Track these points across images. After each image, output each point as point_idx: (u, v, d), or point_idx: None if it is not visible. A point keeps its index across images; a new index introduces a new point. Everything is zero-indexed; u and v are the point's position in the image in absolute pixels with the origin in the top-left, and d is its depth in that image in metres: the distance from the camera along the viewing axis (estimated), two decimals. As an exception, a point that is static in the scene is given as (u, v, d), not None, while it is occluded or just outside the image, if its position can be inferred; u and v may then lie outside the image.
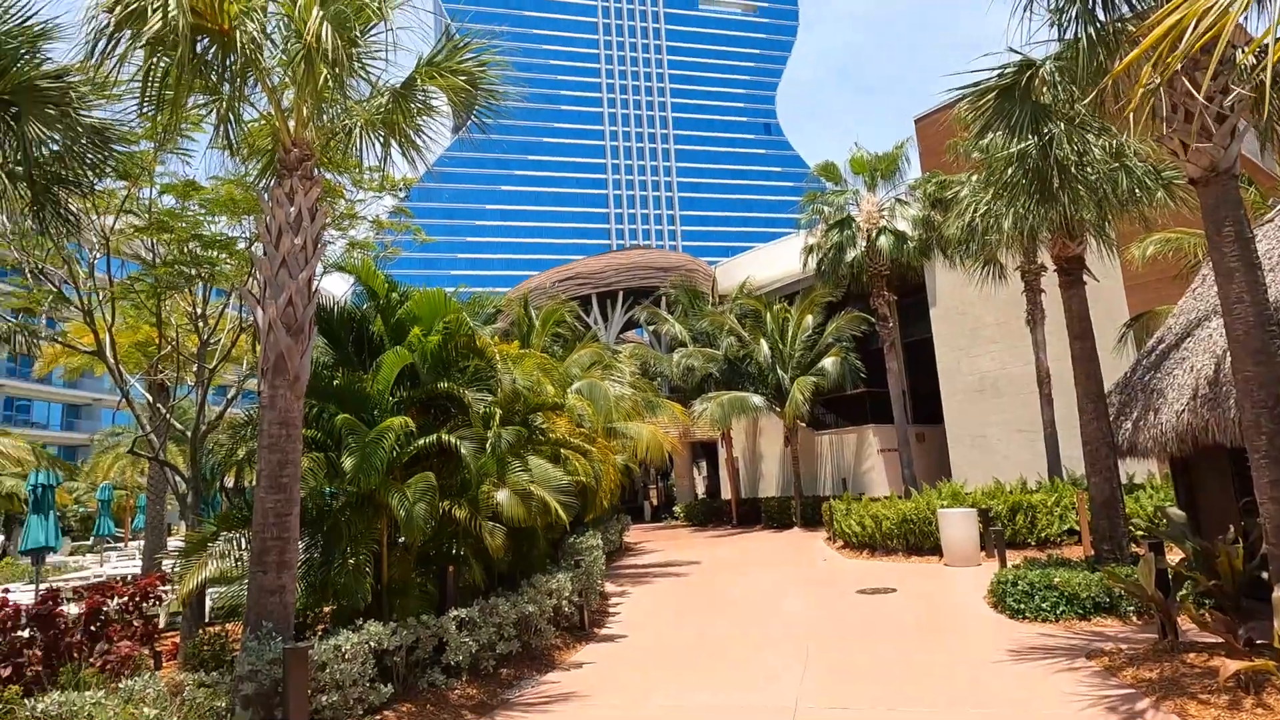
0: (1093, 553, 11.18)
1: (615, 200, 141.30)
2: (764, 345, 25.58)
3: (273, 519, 6.84)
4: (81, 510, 36.79)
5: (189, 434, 10.81)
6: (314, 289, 7.47)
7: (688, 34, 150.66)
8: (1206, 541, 8.25)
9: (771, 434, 28.85)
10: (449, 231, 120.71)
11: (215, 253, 10.10)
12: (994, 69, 8.16)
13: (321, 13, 6.34)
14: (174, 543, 17.40)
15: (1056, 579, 9.68)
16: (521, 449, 9.75)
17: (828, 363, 24.06)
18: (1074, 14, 7.05)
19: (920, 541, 15.83)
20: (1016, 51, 8.04)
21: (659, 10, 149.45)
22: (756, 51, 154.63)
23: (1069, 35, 7.34)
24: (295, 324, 7.18)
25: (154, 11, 5.83)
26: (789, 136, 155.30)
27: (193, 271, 9.94)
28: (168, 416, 10.72)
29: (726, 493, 30.18)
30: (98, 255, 10.62)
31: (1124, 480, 13.75)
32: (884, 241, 21.91)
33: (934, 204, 20.03)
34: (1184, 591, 8.30)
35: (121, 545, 30.07)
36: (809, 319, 25.54)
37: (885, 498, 19.91)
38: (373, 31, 7.45)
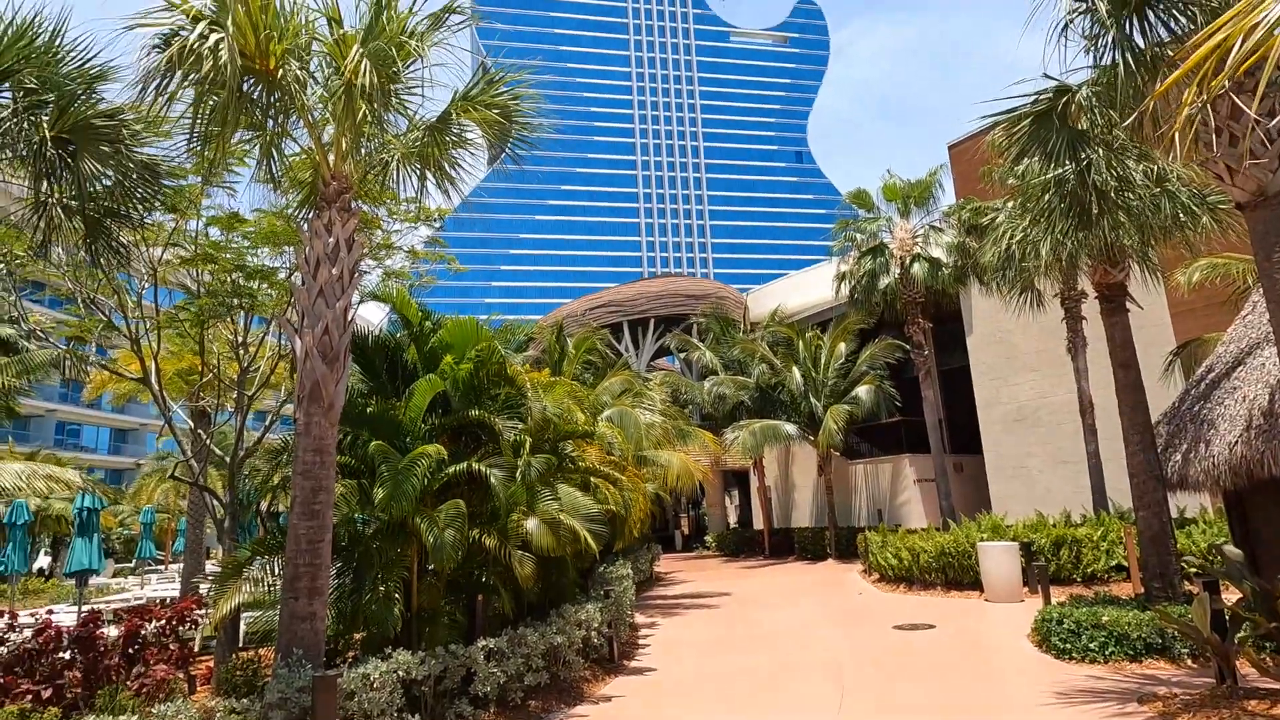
0: (1142, 590, 10.72)
1: (647, 229, 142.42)
2: (796, 373, 25.34)
3: (305, 545, 6.90)
4: (125, 533, 37.65)
5: (228, 459, 11.02)
6: (350, 318, 7.61)
7: (719, 64, 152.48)
8: (1265, 581, 7.86)
9: (804, 463, 28.43)
10: (483, 260, 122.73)
11: (257, 283, 10.38)
12: (1029, 95, 8.08)
13: (362, 50, 6.54)
14: (211, 566, 17.67)
15: (1104, 618, 9.28)
16: (551, 477, 9.73)
17: (861, 391, 23.71)
18: (1110, 39, 6.96)
19: (959, 576, 15.36)
20: (1051, 78, 7.95)
21: (691, 43, 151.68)
22: (787, 81, 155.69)
23: (1105, 61, 7.24)
24: (331, 352, 7.31)
25: (206, 55, 6.06)
26: (821, 164, 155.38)
27: (235, 301, 10.22)
28: (208, 442, 10.96)
29: (759, 522, 29.74)
30: (146, 285, 10.98)
31: (1174, 514, 13.21)
32: (918, 269, 21.67)
33: (969, 230, 19.77)
34: (1243, 634, 7.88)
35: (162, 568, 30.65)
36: (842, 346, 25.26)
37: (922, 529, 19.41)
38: (411, 68, 7.68)
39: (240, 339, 11.82)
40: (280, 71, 6.66)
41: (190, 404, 12.38)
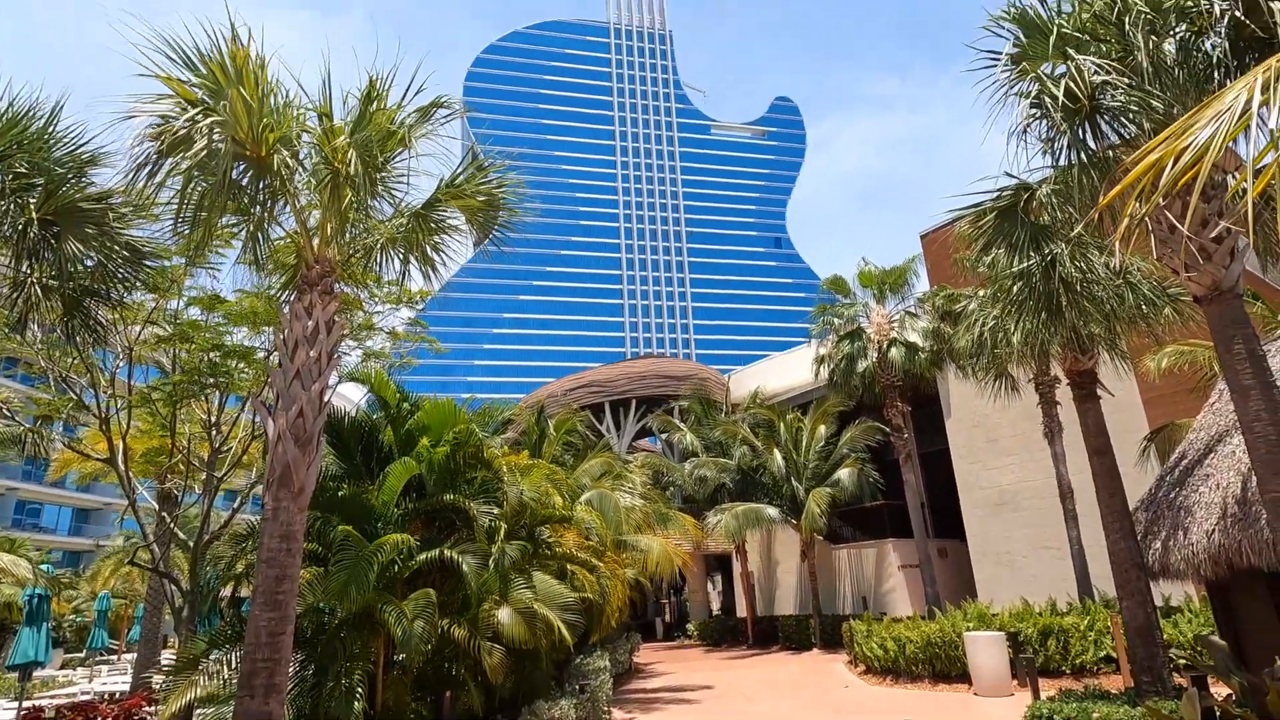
0: (1132, 684, 10.46)
1: (630, 310, 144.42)
2: (778, 455, 25.26)
3: (265, 638, 6.59)
4: (79, 620, 35.79)
5: (192, 543, 10.65)
6: (325, 401, 7.54)
7: (700, 154, 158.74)
8: (1253, 675, 7.71)
9: (787, 547, 27.96)
10: (466, 339, 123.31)
11: (234, 362, 10.32)
12: (992, 191, 8.45)
13: (349, 141, 6.75)
14: (167, 657, 16.77)
15: (1095, 714, 9.01)
16: (526, 564, 9.48)
17: (843, 474, 23.63)
18: (1065, 142, 7.36)
19: (947, 668, 14.92)
20: (1013, 176, 8.34)
21: (674, 134, 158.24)
22: (766, 171, 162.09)
23: (1062, 161, 7.63)
24: (304, 435, 7.20)
25: (199, 136, 6.22)
26: (799, 249, 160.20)
27: (211, 380, 10.12)
28: (172, 526, 10.60)
29: (742, 609, 28.92)
30: (120, 364, 10.87)
31: (1160, 602, 13.03)
32: (895, 353, 22.03)
33: (943, 316, 20.26)
34: (1234, 732, 7.67)
35: (115, 658, 29.02)
36: (822, 429, 25.32)
37: (908, 618, 18.97)
38: (398, 157, 7.91)
39: (213, 418, 11.63)
40: (272, 158, 6.83)
41: (159, 485, 12.04)
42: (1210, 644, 8.39)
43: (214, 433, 11.55)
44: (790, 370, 30.60)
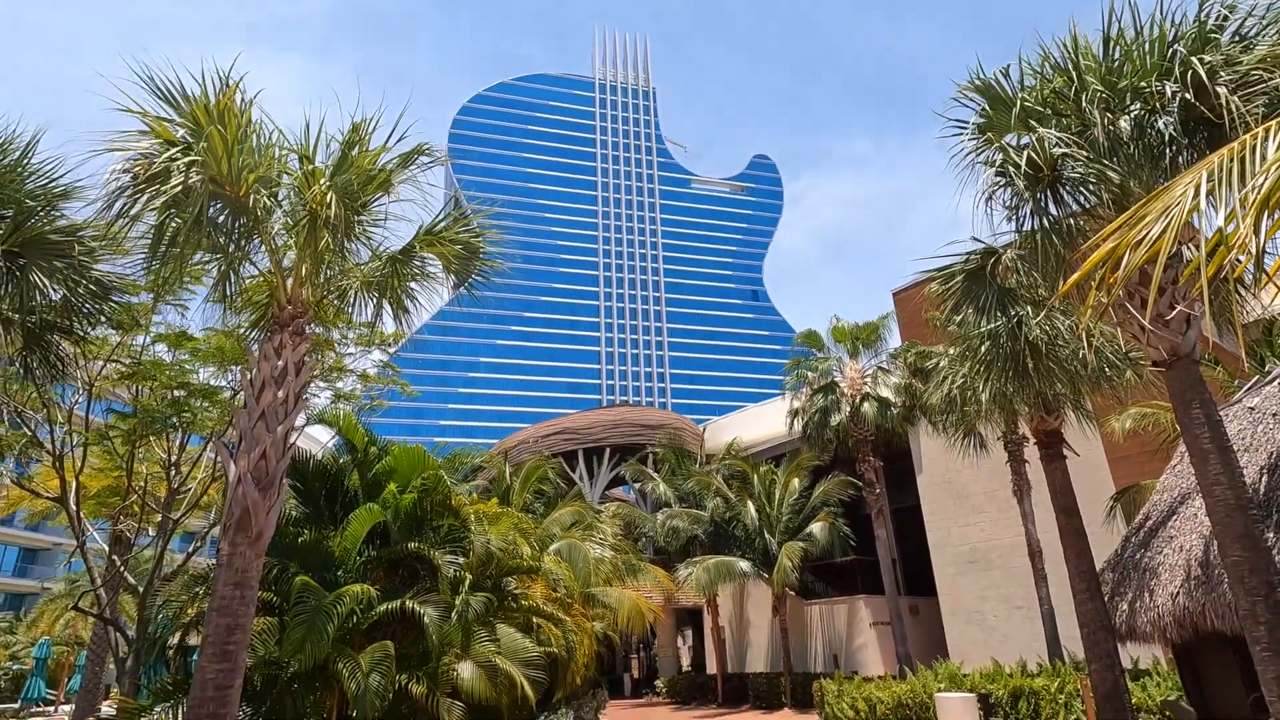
0: (1103, 750, 10.33)
1: (607, 357, 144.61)
2: (751, 508, 25.11)
3: (212, 691, 6.30)
4: (15, 668, 33.92)
5: (142, 587, 10.23)
6: (290, 444, 7.39)
7: (680, 207, 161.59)
8: (1220, 742, 7.67)
9: (759, 602, 27.58)
10: (440, 382, 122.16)
11: (199, 401, 10.09)
12: (960, 255, 8.70)
13: (330, 184, 6.78)
14: (108, 709, 15.90)
15: (1065, 781, 8.86)
16: (491, 616, 9.23)
17: (816, 528, 23.52)
18: (1028, 209, 7.62)
19: (918, 730, 14.65)
20: (980, 240, 8.60)
21: (655, 187, 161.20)
22: (744, 225, 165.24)
23: (1026, 227, 7.89)
24: (266, 479, 7.03)
25: (176, 173, 6.21)
26: (775, 302, 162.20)
27: (174, 420, 9.87)
28: (122, 570, 10.18)
29: (712, 665, 28.30)
30: (78, 399, 10.58)
31: (1129, 664, 12.98)
32: (868, 408, 22.22)
33: (915, 372, 20.54)
34: (1204, 801, 7.59)
35: (52, 709, 27.45)
36: (796, 482, 25.29)
37: (879, 677, 18.69)
38: (377, 201, 7.94)
39: (173, 457, 11.31)
40: (250, 198, 6.82)
41: (110, 526, 11.58)
42: (1178, 709, 8.37)
43: (173, 472, 11.22)
44: (765, 422, 30.69)
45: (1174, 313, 7.16)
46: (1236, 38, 6.64)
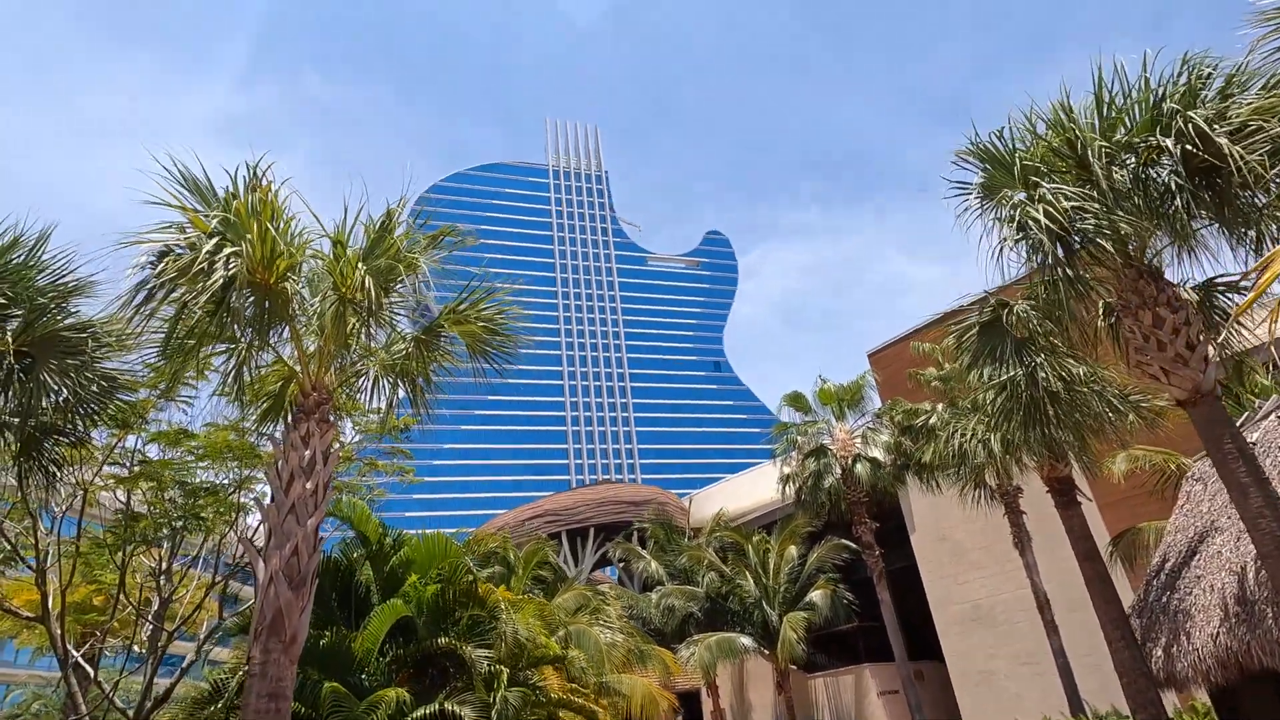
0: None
1: (574, 436, 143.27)
2: (749, 579, 24.56)
3: (248, 821, 5.70)
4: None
5: (130, 714, 9.38)
6: (320, 538, 7.01)
7: (638, 284, 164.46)
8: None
9: (760, 679, 26.63)
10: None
11: (199, 500, 9.56)
12: (972, 309, 8.94)
13: (365, 267, 6.69)
14: None
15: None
16: (525, 712, 8.67)
17: (816, 596, 23.04)
18: (1040, 260, 7.91)
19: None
20: (990, 293, 8.87)
21: (613, 265, 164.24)
22: (702, 299, 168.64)
23: (1038, 278, 8.17)
24: (298, 576, 6.61)
25: (217, 267, 6.04)
26: (738, 371, 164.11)
27: (180, 523, 9.29)
28: (110, 697, 9.31)
29: (716, 754, 26.96)
30: (65, 509, 9.94)
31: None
32: (860, 469, 22.25)
33: (904, 430, 20.73)
34: None
35: None
36: (792, 549, 24.90)
37: (900, 750, 18.00)
38: (399, 284, 7.86)
39: (164, 566, 10.61)
40: (281, 285, 6.67)
41: (97, 644, 10.60)
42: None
43: (163, 580, 10.50)
44: (750, 491, 30.46)
45: (1194, 353, 7.42)
46: (1219, 95, 7.15)
